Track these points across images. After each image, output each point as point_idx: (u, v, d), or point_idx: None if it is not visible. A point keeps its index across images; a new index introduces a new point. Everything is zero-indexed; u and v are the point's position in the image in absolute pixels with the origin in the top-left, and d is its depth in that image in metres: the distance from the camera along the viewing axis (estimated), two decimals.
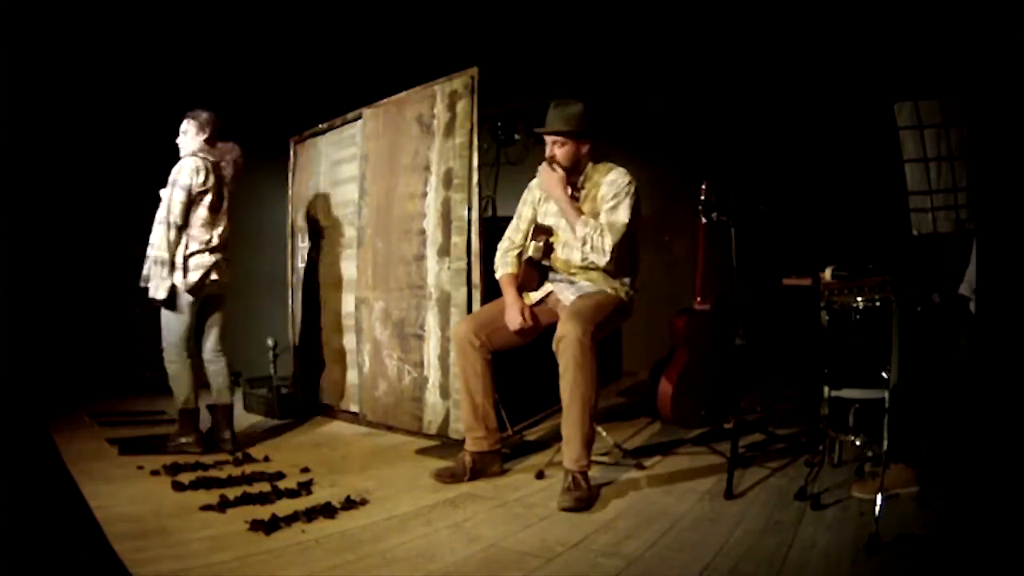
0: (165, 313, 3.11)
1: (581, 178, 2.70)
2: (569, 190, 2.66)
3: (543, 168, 2.68)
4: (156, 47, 4.48)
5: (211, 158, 3.21)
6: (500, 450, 2.79)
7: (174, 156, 3.20)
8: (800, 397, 3.82)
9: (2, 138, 3.48)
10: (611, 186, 2.62)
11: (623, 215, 2.58)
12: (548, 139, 2.67)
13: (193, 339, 3.19)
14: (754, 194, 2.85)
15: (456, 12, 4.54)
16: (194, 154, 3.16)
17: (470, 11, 4.51)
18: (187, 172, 3.09)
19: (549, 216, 2.77)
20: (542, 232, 2.74)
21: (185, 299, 3.09)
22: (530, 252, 2.74)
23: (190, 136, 3.21)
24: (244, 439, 3.39)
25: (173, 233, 3.05)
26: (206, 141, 3.21)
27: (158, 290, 3.03)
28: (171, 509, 2.35)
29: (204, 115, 3.23)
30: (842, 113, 3.92)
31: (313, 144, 4.44)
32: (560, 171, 2.63)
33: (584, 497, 2.35)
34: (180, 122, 3.26)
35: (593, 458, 2.52)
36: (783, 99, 4.28)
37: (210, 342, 3.28)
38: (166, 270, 3.04)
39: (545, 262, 2.75)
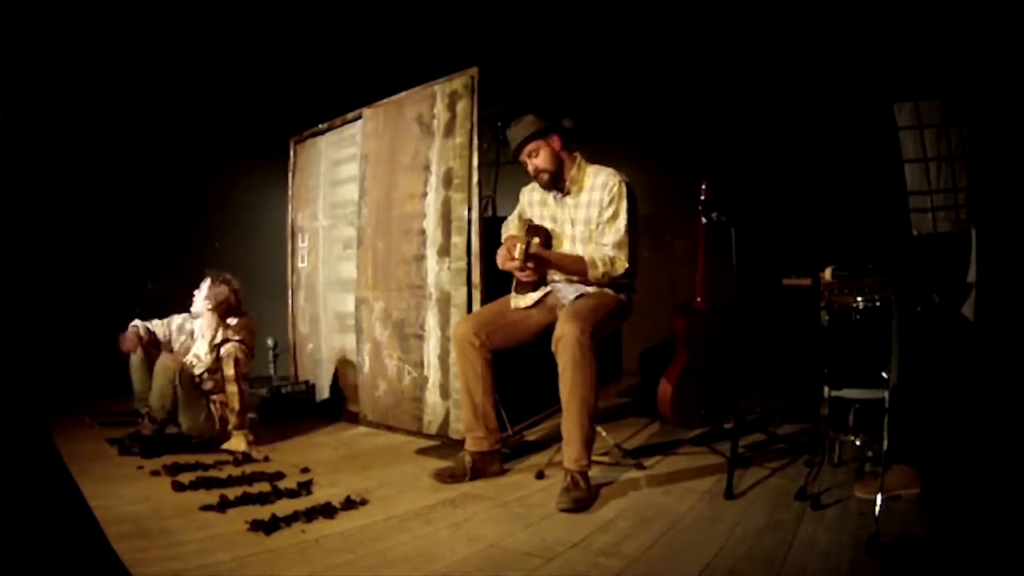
0: None
1: (567, 181, 2.69)
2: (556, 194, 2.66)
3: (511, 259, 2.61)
4: (157, 48, 4.48)
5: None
6: (500, 450, 2.79)
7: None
8: (800, 397, 3.82)
9: (6, 139, 3.48)
10: (605, 189, 2.62)
11: (623, 222, 2.60)
12: (523, 156, 2.69)
13: None
14: (754, 194, 2.85)
15: (456, 12, 4.54)
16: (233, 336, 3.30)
17: (470, 11, 4.51)
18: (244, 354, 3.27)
19: (545, 220, 2.77)
20: (537, 232, 2.71)
21: None
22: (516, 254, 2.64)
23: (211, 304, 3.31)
24: None
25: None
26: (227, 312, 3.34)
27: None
28: (171, 509, 2.35)
29: (230, 282, 3.36)
30: (842, 113, 3.92)
31: (313, 144, 4.44)
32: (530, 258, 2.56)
33: (583, 498, 2.35)
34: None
35: (593, 458, 2.51)
36: (783, 99, 4.28)
37: None
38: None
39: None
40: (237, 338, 3.25)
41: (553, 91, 2.82)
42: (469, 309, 3.17)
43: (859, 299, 2.39)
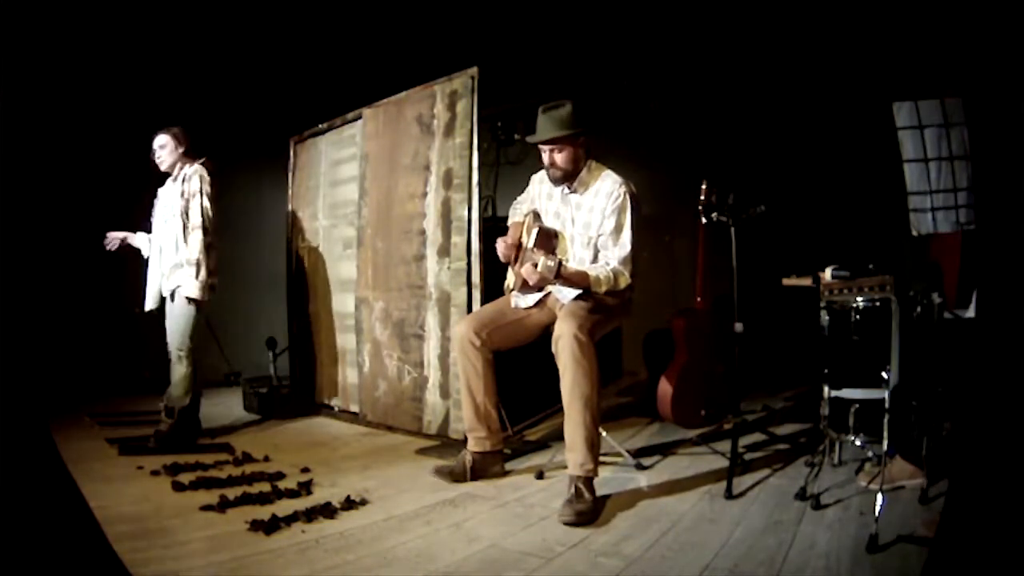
0: (187, 313, 3.27)
1: (577, 181, 2.63)
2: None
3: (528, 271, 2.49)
4: (157, 48, 4.48)
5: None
6: (502, 451, 2.78)
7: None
8: (800, 397, 3.83)
9: (5, 139, 3.48)
10: (609, 198, 2.55)
11: (628, 237, 2.54)
12: (545, 146, 2.60)
13: None
14: (754, 194, 2.85)
15: (456, 12, 4.54)
16: (197, 162, 3.39)
17: (470, 11, 4.51)
18: (207, 179, 3.35)
19: (550, 214, 2.76)
20: (548, 237, 2.66)
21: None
22: (539, 268, 2.47)
23: (170, 150, 3.39)
24: (244, 439, 3.40)
25: (208, 238, 3.31)
26: (185, 154, 3.42)
27: (196, 291, 3.23)
28: (171, 509, 2.35)
29: (177, 129, 3.43)
30: (842, 113, 3.92)
31: (313, 144, 4.44)
32: (540, 271, 2.38)
33: (587, 510, 2.25)
34: (182, 123, 3.30)
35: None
36: (783, 99, 4.28)
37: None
38: (203, 272, 3.26)
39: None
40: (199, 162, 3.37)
41: (553, 91, 2.80)
42: (469, 309, 3.17)
43: (859, 299, 2.39)
